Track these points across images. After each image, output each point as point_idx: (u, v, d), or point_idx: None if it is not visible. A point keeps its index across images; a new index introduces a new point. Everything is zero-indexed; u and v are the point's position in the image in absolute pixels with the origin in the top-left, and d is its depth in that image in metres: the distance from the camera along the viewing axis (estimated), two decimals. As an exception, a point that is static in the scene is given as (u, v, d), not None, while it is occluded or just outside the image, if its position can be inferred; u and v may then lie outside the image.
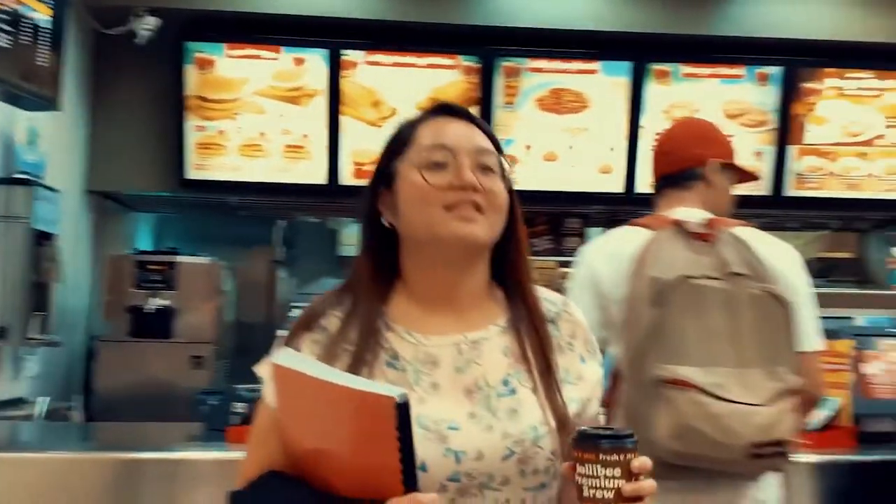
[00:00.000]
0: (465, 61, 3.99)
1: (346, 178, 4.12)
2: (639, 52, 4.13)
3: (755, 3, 4.14)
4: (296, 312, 1.37)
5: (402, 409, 1.02)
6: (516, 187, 1.30)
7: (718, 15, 4.14)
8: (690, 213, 2.14)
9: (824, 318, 3.47)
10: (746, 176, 2.37)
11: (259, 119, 4.07)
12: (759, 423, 1.87)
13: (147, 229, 5.04)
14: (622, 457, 1.13)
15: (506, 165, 1.31)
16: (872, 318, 3.59)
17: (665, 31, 4.09)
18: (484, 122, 1.34)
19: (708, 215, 2.13)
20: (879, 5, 4.18)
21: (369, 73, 4.06)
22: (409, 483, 1.05)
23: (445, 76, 3.99)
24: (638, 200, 2.30)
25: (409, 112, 1.28)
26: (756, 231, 2.14)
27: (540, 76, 4.07)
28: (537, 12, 4.04)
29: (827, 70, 4.24)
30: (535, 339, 1.30)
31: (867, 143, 4.28)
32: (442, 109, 1.34)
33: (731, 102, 4.16)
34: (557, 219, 4.41)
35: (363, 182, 4.21)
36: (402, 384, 1.19)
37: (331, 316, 1.29)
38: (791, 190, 4.26)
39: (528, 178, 4.02)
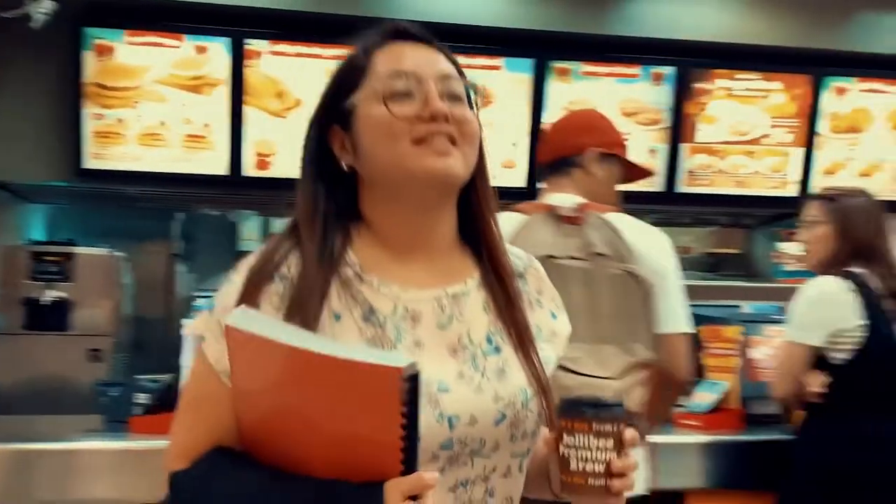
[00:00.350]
0: (370, 54, 4.01)
1: (249, 169, 4.08)
2: (541, 49, 4.23)
3: (651, 5, 4.29)
4: (202, 302, 1.27)
5: (412, 382, 0.90)
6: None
7: (617, 15, 4.28)
8: (564, 198, 2.24)
9: (714, 306, 3.63)
10: (638, 170, 2.46)
11: (159, 108, 4.00)
12: (606, 395, 1.97)
13: (41, 221, 4.89)
14: (615, 427, 1.06)
15: (472, 93, 1.19)
16: (759, 306, 3.77)
17: (566, 30, 4.20)
18: (444, 45, 1.21)
19: (582, 200, 2.22)
20: (765, 9, 4.38)
21: (273, 62, 4.04)
22: (410, 461, 0.92)
23: (350, 69, 4.01)
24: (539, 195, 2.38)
25: (313, 103, 1.23)
26: (628, 217, 2.24)
27: (444, 71, 4.13)
28: (442, 7, 4.09)
29: (717, 71, 4.42)
30: (506, 295, 1.19)
31: (754, 141, 4.48)
32: (397, 33, 1.18)
33: (627, 101, 4.30)
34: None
35: (266, 173, 4.23)
36: (382, 342, 1.08)
37: (292, 263, 1.11)
38: (683, 186, 4.43)
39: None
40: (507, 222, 2.17)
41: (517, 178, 4.22)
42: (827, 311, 2.74)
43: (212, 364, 1.09)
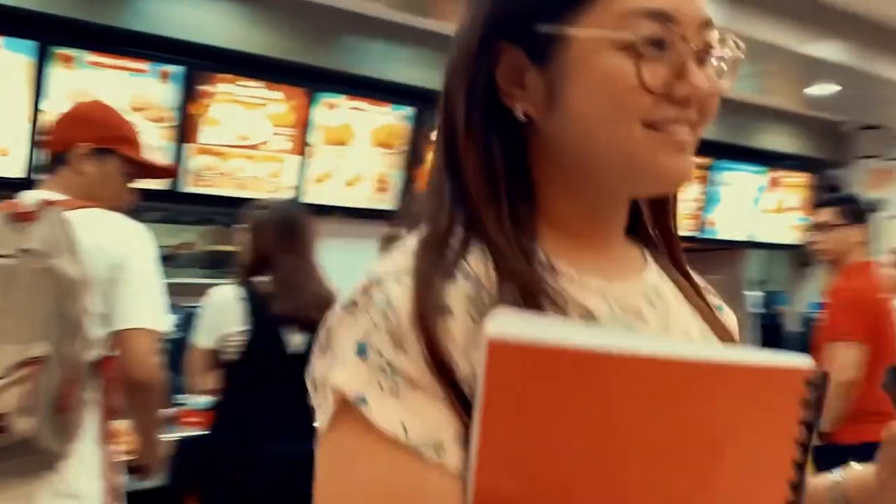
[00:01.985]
0: None
1: None
2: (44, 33, 4.01)
3: (162, 3, 4.31)
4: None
5: (819, 390, 0.64)
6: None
7: (126, 8, 4.23)
8: (34, 194, 2.18)
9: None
10: (150, 167, 2.43)
11: None
12: None
13: None
14: None
15: (733, 48, 0.81)
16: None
17: (72, 16, 4.04)
18: None
19: (54, 196, 2.16)
20: (269, 22, 4.65)
21: None
22: None
23: None
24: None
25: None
26: (103, 213, 2.20)
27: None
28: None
29: (221, 75, 4.57)
30: (695, 291, 0.93)
31: (254, 147, 4.73)
32: None
33: (136, 96, 4.27)
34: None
35: None
36: None
37: (472, 257, 0.78)
38: (188, 186, 4.52)
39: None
40: None
41: (14, 167, 3.96)
42: (215, 317, 3.10)
43: (397, 439, 0.70)
